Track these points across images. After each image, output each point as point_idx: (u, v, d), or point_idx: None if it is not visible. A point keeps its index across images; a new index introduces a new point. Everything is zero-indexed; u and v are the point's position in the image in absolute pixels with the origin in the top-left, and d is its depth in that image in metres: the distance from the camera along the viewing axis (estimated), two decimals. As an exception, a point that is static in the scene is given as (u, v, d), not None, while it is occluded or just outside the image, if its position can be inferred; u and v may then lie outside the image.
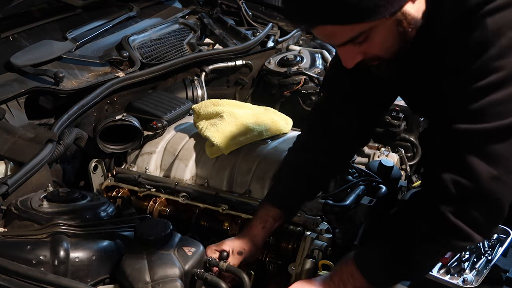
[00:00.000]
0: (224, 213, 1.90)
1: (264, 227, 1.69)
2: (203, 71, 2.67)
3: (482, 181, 1.26)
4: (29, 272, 1.38)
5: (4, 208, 1.65)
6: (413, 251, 1.39)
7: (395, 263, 1.41)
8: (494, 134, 1.25)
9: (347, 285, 1.46)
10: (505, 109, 1.24)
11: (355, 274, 1.45)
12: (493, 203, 1.30)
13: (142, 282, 1.41)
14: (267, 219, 1.70)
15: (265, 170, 1.94)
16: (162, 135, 2.16)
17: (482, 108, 1.24)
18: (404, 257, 1.39)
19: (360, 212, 1.89)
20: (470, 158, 1.27)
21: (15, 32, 2.35)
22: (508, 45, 1.21)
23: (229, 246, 1.65)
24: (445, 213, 1.30)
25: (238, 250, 1.65)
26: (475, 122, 1.26)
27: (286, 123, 2.17)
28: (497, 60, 1.22)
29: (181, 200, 1.97)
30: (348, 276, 1.46)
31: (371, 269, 1.44)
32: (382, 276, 1.44)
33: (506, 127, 1.24)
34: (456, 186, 1.28)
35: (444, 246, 1.38)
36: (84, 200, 1.67)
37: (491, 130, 1.25)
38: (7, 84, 2.07)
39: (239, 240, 1.67)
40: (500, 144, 1.25)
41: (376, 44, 1.31)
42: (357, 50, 1.32)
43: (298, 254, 1.76)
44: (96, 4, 2.75)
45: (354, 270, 1.45)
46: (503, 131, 1.25)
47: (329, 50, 3.03)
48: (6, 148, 1.84)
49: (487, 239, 1.74)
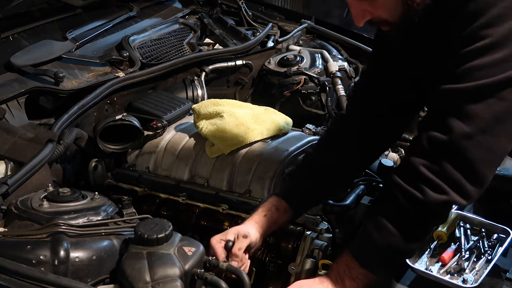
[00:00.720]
0: (224, 213, 1.90)
1: (265, 215, 1.66)
2: (203, 71, 2.67)
3: (454, 137, 1.33)
4: (29, 272, 1.38)
5: (4, 208, 1.64)
6: (400, 218, 1.41)
7: (387, 237, 1.42)
8: (471, 93, 1.32)
9: (344, 278, 1.46)
10: (486, 73, 1.31)
11: (350, 264, 1.46)
12: (466, 162, 1.34)
13: (142, 282, 1.41)
14: (270, 208, 1.67)
15: (265, 170, 1.94)
16: (162, 135, 2.16)
17: (464, 71, 1.33)
18: (394, 228, 1.41)
19: (360, 212, 1.89)
20: (447, 116, 1.34)
21: (15, 32, 2.35)
22: (497, 15, 1.31)
23: (233, 233, 1.63)
24: (417, 166, 1.37)
25: (243, 234, 1.61)
26: (456, 83, 1.34)
27: (286, 123, 2.17)
28: (485, 28, 1.31)
29: (181, 200, 1.98)
30: (344, 268, 1.47)
31: (365, 253, 1.46)
32: (377, 259, 1.45)
33: (483, 88, 1.31)
34: (430, 140, 1.36)
35: (425, 205, 1.37)
36: (84, 200, 1.67)
37: (468, 90, 1.33)
38: (7, 84, 2.07)
39: (243, 226, 1.66)
40: (476, 104, 1.32)
41: (379, 3, 1.39)
42: (362, 7, 1.41)
43: (298, 254, 1.76)
44: (96, 4, 2.75)
45: (349, 260, 1.46)
46: (480, 91, 1.32)
47: (329, 50, 3.03)
48: (6, 148, 1.84)
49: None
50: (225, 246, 1.61)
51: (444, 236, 1.74)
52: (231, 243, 1.61)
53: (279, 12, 3.39)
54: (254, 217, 1.67)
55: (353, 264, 1.46)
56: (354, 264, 1.46)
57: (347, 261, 1.47)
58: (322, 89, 2.74)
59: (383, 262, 1.47)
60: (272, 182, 1.92)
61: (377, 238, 1.43)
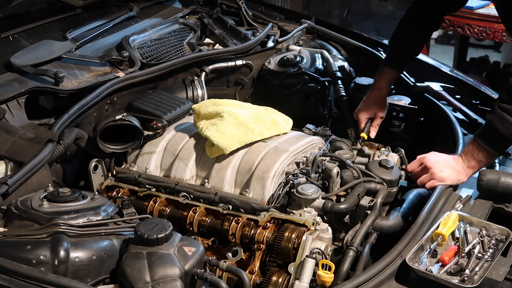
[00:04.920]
0: (224, 213, 1.90)
1: (389, 86, 2.49)
2: (203, 71, 2.67)
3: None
4: (29, 272, 1.38)
5: (4, 208, 1.65)
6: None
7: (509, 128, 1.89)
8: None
9: (471, 160, 1.97)
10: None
11: (477, 149, 1.96)
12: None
13: (142, 282, 1.41)
14: (390, 80, 2.48)
15: (265, 170, 1.94)
16: (162, 135, 2.16)
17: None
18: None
19: (360, 212, 1.89)
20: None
21: (15, 32, 2.35)
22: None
23: (374, 112, 2.45)
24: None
25: (381, 116, 2.46)
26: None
27: (286, 123, 2.17)
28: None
29: (181, 200, 1.98)
30: (472, 152, 1.97)
31: (491, 139, 1.94)
32: (500, 143, 1.97)
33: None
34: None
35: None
36: (84, 200, 1.67)
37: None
38: (7, 84, 2.07)
39: (378, 104, 2.45)
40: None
41: None
42: None
43: (298, 254, 1.76)
44: (96, 4, 2.75)
45: (476, 146, 1.96)
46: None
47: (329, 50, 3.03)
48: (6, 148, 1.84)
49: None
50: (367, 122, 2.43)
51: (444, 236, 1.74)
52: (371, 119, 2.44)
53: (279, 12, 3.39)
54: (385, 91, 2.46)
55: (480, 148, 1.95)
56: (481, 148, 1.95)
57: (474, 146, 1.97)
58: (322, 89, 2.74)
59: (504, 146, 2.01)
60: (272, 182, 1.92)
61: (500, 128, 1.91)
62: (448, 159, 2.02)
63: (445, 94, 2.63)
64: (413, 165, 2.12)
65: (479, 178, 1.93)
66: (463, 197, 1.94)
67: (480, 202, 1.93)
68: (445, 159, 2.02)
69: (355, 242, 1.79)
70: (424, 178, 2.03)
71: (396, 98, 2.63)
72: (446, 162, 2.01)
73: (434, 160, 2.02)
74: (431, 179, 2.01)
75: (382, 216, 1.96)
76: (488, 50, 6.47)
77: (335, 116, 2.69)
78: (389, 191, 2.02)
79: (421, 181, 2.04)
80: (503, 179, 1.90)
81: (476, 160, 1.97)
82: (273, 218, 1.86)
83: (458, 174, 1.99)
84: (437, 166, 2.00)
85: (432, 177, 2.00)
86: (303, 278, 1.70)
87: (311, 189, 1.88)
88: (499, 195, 1.91)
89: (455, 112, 2.48)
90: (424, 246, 1.73)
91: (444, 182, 1.98)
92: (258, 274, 1.81)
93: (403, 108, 2.59)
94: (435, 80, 2.76)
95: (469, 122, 2.42)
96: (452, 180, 1.98)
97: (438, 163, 2.01)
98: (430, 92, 2.64)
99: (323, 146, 2.14)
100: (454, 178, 1.99)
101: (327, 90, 2.73)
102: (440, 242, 1.74)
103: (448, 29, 4.68)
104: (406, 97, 2.64)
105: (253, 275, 1.80)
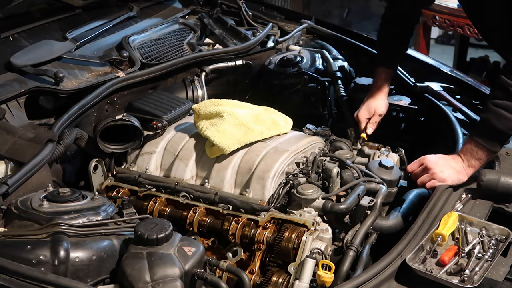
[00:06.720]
0: (224, 213, 1.90)
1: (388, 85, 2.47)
2: (203, 71, 2.67)
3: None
4: (29, 272, 1.38)
5: (4, 208, 1.65)
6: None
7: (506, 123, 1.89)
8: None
9: (470, 159, 1.97)
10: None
11: (475, 148, 1.96)
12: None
13: (142, 282, 1.41)
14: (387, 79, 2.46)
15: (265, 170, 1.94)
16: (162, 135, 2.16)
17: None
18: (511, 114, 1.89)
19: (360, 212, 1.89)
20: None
21: (15, 32, 2.35)
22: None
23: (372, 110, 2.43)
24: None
25: (379, 113, 2.43)
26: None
27: (286, 123, 2.17)
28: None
29: (181, 200, 1.98)
30: (471, 151, 1.97)
31: (489, 137, 1.94)
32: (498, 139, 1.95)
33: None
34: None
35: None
36: (84, 200, 1.67)
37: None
38: (7, 84, 2.07)
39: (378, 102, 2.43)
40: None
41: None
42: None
43: (298, 254, 1.76)
44: (96, 4, 2.75)
45: (474, 145, 1.96)
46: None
47: (329, 50, 3.03)
48: (6, 148, 1.84)
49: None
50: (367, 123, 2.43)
51: (444, 236, 1.74)
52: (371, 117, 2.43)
53: (279, 12, 3.39)
54: (384, 90, 2.45)
55: (479, 146, 1.95)
56: (480, 146, 1.95)
57: (472, 145, 1.97)
58: (322, 89, 2.74)
59: (502, 141, 1.98)
60: (272, 182, 1.92)
61: (497, 124, 1.91)
62: (448, 159, 2.01)
63: (445, 94, 2.62)
64: (413, 165, 2.11)
65: (479, 178, 1.93)
66: (463, 197, 1.94)
67: (480, 202, 1.93)
68: (446, 160, 2.02)
69: (355, 242, 1.79)
70: (425, 178, 2.03)
71: (396, 98, 2.63)
72: (447, 162, 2.01)
73: (435, 161, 2.02)
74: (431, 179, 2.01)
75: (382, 216, 1.96)
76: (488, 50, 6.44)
77: (335, 116, 2.69)
78: (389, 191, 2.03)
79: (421, 181, 2.04)
80: (503, 179, 1.90)
81: (476, 159, 1.97)
82: (273, 218, 1.86)
83: (459, 174, 1.99)
84: (438, 166, 2.00)
85: (433, 178, 2.00)
86: (303, 278, 1.70)
87: (311, 189, 1.88)
88: (499, 195, 1.91)
89: (455, 112, 2.48)
90: (424, 246, 1.73)
91: (444, 182, 1.98)
92: (258, 274, 1.81)
93: (403, 108, 2.59)
94: (435, 80, 2.76)
95: (469, 122, 2.41)
96: (453, 180, 1.98)
97: (439, 163, 2.01)
98: (430, 92, 2.64)
99: (323, 146, 2.14)
100: (454, 179, 1.98)
101: (327, 90, 2.73)
102: (440, 242, 1.74)
103: (448, 29, 4.68)
104: (406, 97, 2.64)
105: (253, 275, 1.80)
